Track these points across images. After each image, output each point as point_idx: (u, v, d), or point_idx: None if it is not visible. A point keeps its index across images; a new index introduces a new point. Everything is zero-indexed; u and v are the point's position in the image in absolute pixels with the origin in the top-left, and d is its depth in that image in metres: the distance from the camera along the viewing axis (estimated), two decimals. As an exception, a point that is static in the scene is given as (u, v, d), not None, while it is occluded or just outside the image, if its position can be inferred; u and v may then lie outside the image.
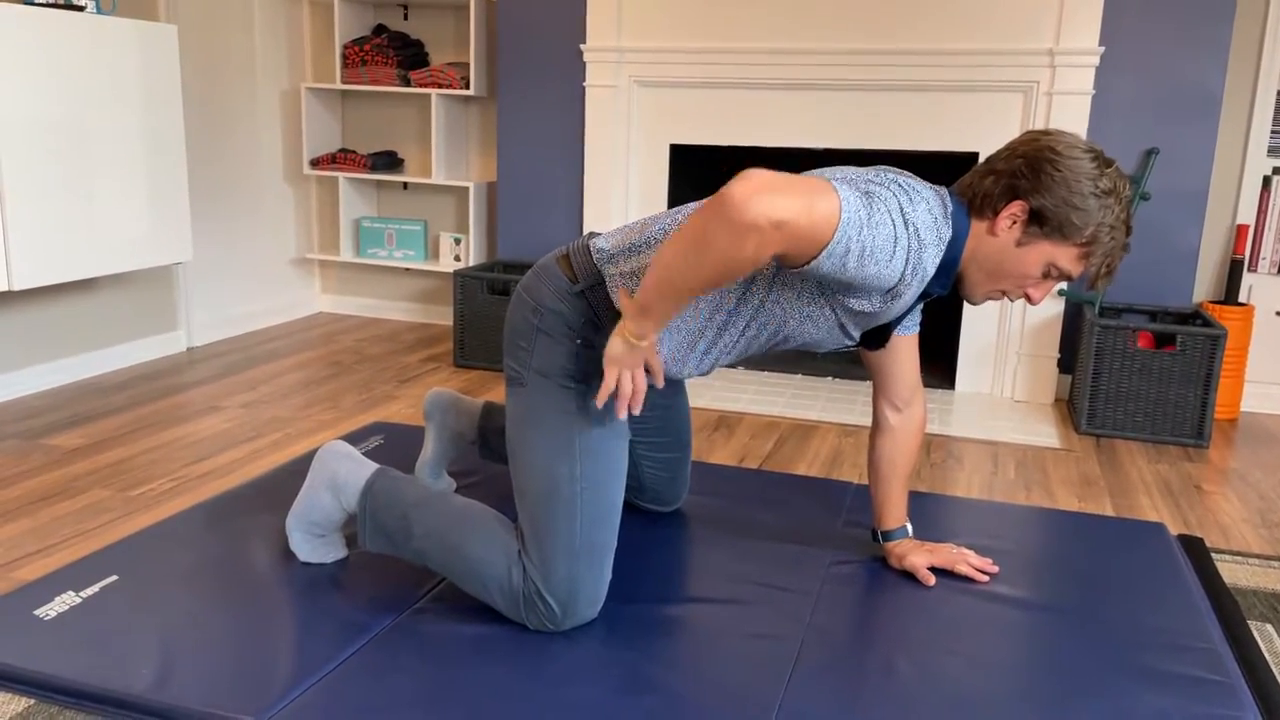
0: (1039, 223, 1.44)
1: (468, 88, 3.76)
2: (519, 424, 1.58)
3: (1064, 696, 1.43)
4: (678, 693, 1.40)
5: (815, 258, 1.31)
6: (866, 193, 1.35)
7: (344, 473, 1.70)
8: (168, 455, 2.46)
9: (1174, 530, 2.20)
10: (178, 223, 3.22)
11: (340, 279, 4.32)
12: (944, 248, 1.44)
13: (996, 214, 1.46)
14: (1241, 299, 3.19)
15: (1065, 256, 1.46)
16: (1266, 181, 3.14)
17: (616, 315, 1.54)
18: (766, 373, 3.44)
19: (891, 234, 1.35)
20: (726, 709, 1.37)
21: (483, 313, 3.44)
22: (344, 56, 3.86)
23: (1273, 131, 3.11)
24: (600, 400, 1.46)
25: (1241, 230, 3.12)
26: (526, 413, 1.57)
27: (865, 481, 2.36)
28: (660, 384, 1.49)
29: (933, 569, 1.79)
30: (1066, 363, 3.26)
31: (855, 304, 1.44)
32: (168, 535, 1.87)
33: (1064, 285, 3.17)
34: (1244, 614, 1.76)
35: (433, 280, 4.20)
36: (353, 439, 2.51)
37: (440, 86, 3.77)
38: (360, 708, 1.34)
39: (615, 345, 1.43)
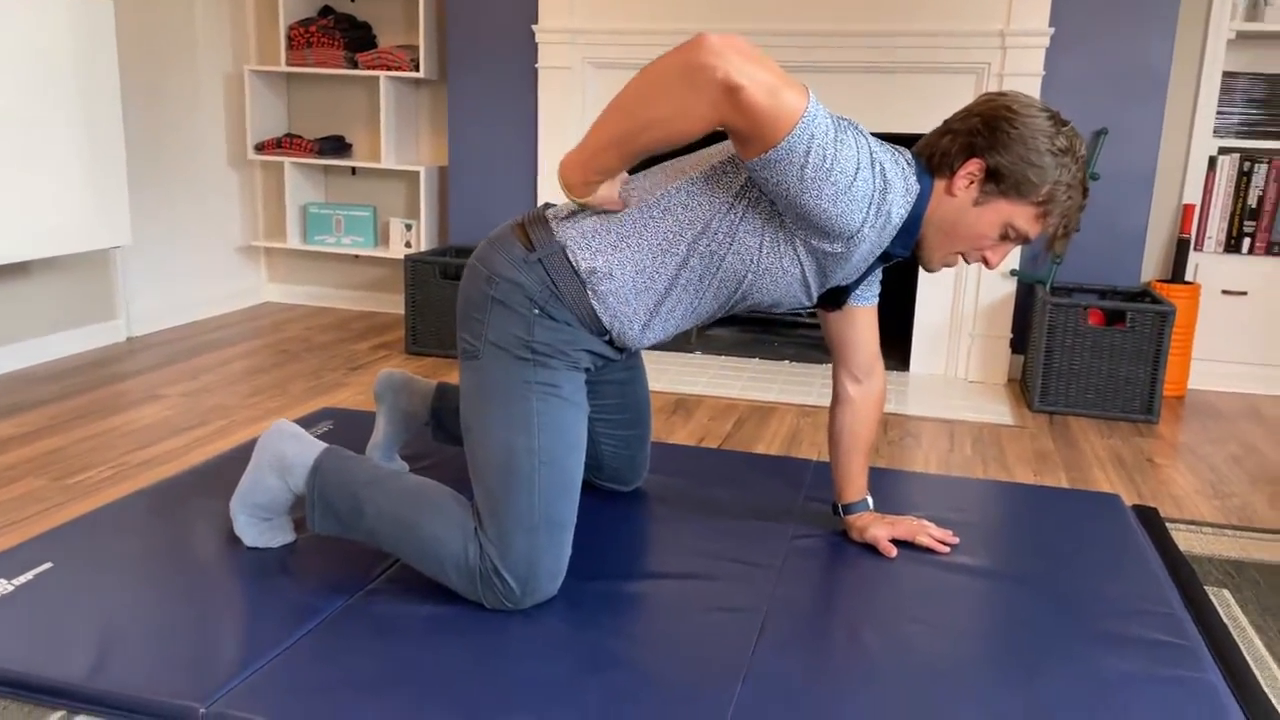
0: (996, 181, 1.43)
1: (417, 70, 3.68)
2: (474, 397, 1.53)
3: (1030, 663, 1.43)
4: (643, 667, 1.37)
5: (773, 149, 1.28)
6: (838, 123, 1.34)
7: (291, 453, 1.64)
8: (106, 444, 2.37)
9: (1129, 502, 2.22)
10: (115, 205, 3.11)
11: (287, 267, 4.22)
12: (912, 199, 1.42)
13: (954, 173, 1.45)
14: (1188, 278, 3.24)
15: (1022, 216, 1.45)
16: (1212, 162, 3.19)
17: (576, 284, 1.51)
18: (724, 357, 3.42)
19: (855, 159, 1.33)
20: (692, 681, 1.34)
21: (435, 298, 3.37)
22: (289, 38, 3.77)
23: (1218, 112, 3.16)
24: None
25: (1188, 210, 3.16)
26: (482, 385, 1.52)
27: (824, 459, 2.34)
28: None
29: (894, 541, 1.78)
30: (1018, 343, 3.29)
31: (818, 243, 1.41)
32: (106, 522, 1.79)
33: (1016, 265, 3.19)
34: (1200, 580, 1.78)
35: (382, 267, 4.12)
36: (301, 424, 2.44)
37: (389, 69, 3.69)
38: (311, 689, 1.29)
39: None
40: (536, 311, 1.51)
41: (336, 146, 3.95)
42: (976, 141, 1.42)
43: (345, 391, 2.91)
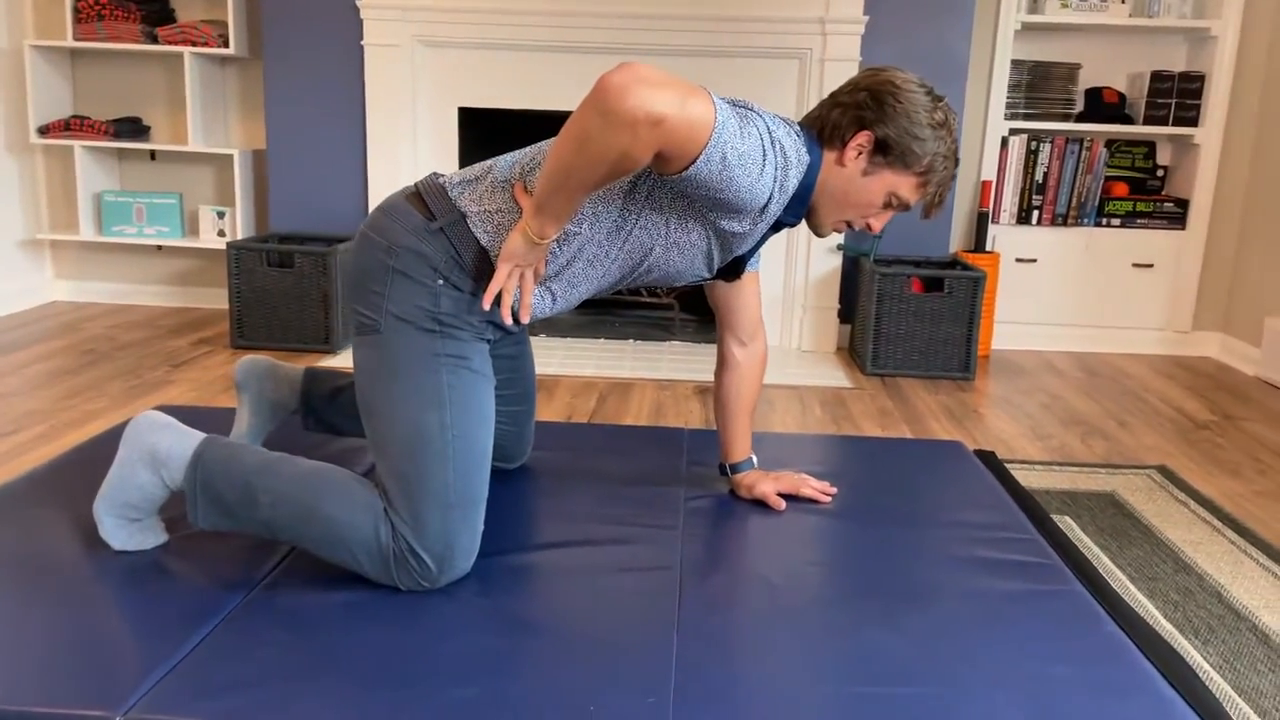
0: (883, 152, 1.52)
1: (227, 46, 3.45)
2: (377, 374, 1.47)
3: (924, 589, 1.54)
4: (577, 630, 1.37)
5: (693, 162, 1.32)
6: (734, 106, 1.38)
7: (165, 444, 1.51)
8: (-97, 458, 2.10)
9: (969, 447, 2.42)
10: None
11: (78, 261, 3.85)
12: (803, 170, 1.49)
13: (844, 144, 1.53)
14: (988, 248, 3.55)
15: (905, 185, 1.55)
16: (1004, 141, 3.52)
17: (479, 253, 1.48)
18: (568, 339, 3.43)
19: (760, 147, 1.38)
20: (629, 639, 1.35)
21: (263, 288, 3.18)
22: (76, 10, 3.43)
23: (1008, 96, 3.49)
24: (488, 299, 1.43)
25: (986, 186, 3.47)
26: (385, 360, 1.47)
27: (695, 427, 2.41)
28: (533, 288, 1.48)
29: (780, 494, 1.87)
30: (845, 313, 3.50)
31: (727, 224, 1.46)
32: (-64, 538, 1.59)
33: (842, 240, 3.40)
34: (1045, 509, 1.97)
35: (191, 259, 3.84)
36: (136, 425, 2.25)
37: (194, 44, 3.44)
38: (236, 685, 1.20)
39: (515, 241, 1.41)
40: (441, 282, 1.47)
41: (133, 129, 3.64)
42: (866, 115, 1.50)
43: (174, 389, 2.70)
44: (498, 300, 1.51)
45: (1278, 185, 3.33)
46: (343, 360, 3.11)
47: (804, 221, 1.63)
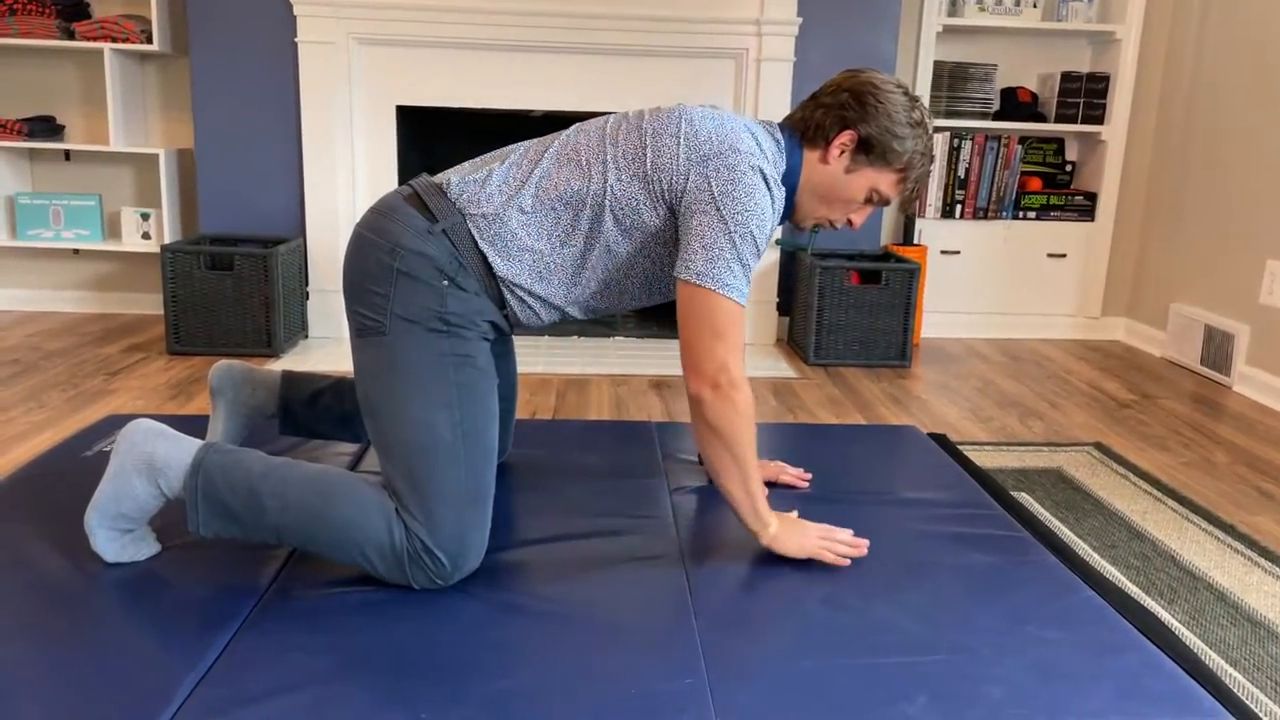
0: (865, 151, 1.60)
1: (150, 42, 3.34)
2: (383, 374, 1.48)
3: (913, 564, 1.63)
4: (600, 619, 1.41)
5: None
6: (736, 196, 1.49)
7: (163, 453, 1.49)
8: None
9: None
10: None
11: (-11, 268, 3.66)
12: (781, 172, 1.58)
13: (828, 143, 1.60)
14: (915, 241, 3.71)
15: (886, 182, 1.64)
16: (929, 139, 3.67)
17: (478, 255, 1.50)
18: (514, 337, 3.44)
19: (767, 198, 1.49)
20: (651, 625, 1.40)
21: (201, 292, 3.10)
22: (-17, 2, 3.27)
23: (932, 95, 3.64)
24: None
25: (913, 181, 3.62)
26: (393, 361, 1.47)
27: (661, 420, 2.46)
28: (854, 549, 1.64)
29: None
30: (782, 306, 3.60)
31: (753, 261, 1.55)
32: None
33: (779, 235, 3.50)
34: (1004, 487, 2.09)
35: (112, 263, 3.70)
36: (89, 436, 2.18)
37: (115, 40, 3.31)
38: (267, 692, 1.20)
39: (759, 538, 1.60)
40: (446, 283, 1.49)
41: (46, 128, 3.48)
42: (849, 115, 1.58)
43: (118, 398, 2.61)
44: (499, 303, 1.55)
45: (1177, 179, 3.58)
46: (285, 363, 3.05)
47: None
